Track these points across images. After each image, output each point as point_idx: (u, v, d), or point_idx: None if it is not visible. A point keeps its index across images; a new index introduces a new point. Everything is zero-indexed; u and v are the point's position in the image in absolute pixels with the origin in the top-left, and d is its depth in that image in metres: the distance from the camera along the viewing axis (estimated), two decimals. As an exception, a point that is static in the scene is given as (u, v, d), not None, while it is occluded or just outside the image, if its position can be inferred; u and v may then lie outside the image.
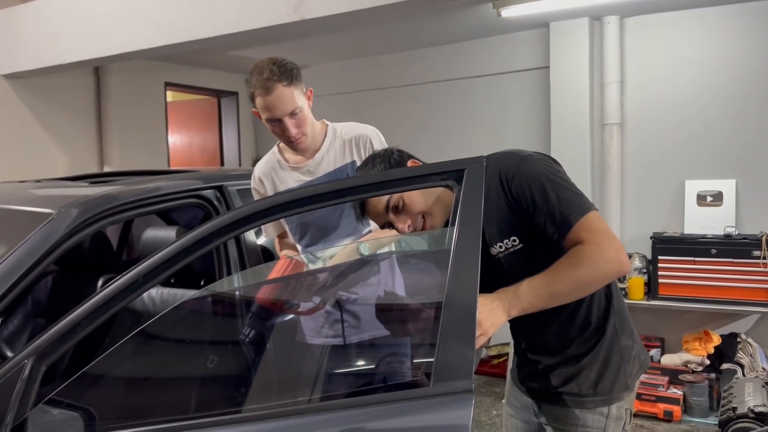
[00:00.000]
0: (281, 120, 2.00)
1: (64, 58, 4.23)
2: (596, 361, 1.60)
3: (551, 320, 1.60)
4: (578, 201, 1.47)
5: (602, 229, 1.44)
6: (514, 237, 1.54)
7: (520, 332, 1.72)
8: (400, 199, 1.56)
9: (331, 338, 2.08)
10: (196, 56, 5.45)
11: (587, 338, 1.60)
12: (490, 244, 1.57)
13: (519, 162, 1.52)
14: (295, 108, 2.00)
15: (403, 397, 1.21)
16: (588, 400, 1.60)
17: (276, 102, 1.97)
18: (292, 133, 2.02)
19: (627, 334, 1.65)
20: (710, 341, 4.12)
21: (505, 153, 1.58)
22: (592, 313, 1.60)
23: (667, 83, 4.48)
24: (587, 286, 1.47)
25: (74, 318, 1.27)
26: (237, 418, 1.29)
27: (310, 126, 2.09)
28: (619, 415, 1.62)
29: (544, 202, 1.47)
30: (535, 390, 1.72)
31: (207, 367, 1.93)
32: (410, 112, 5.60)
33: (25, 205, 1.92)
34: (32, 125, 4.88)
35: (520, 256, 1.55)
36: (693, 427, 3.88)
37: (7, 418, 1.21)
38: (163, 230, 2.47)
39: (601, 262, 1.41)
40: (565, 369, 1.62)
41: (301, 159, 2.14)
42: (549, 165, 1.53)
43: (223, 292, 2.07)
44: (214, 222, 1.38)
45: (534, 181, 1.48)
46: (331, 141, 2.14)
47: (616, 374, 1.61)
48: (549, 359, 1.64)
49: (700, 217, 4.27)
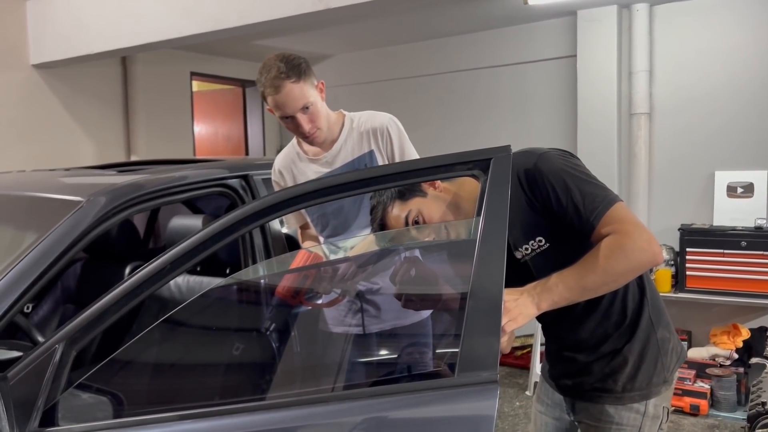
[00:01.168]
0: (294, 117, 2.00)
1: (92, 48, 4.29)
2: (633, 355, 1.57)
3: (586, 317, 1.58)
4: (602, 194, 1.44)
5: (631, 220, 1.41)
6: (540, 237, 1.51)
7: (553, 331, 1.69)
8: (419, 214, 1.53)
9: (354, 327, 2.09)
10: (221, 46, 5.48)
11: (623, 333, 1.57)
12: (515, 248, 1.54)
13: (537, 161, 1.48)
14: (306, 103, 1.99)
15: (428, 387, 1.21)
16: (625, 396, 1.57)
17: (286, 100, 1.96)
18: (306, 128, 2.02)
19: (663, 326, 1.61)
20: (739, 335, 4.05)
21: (521, 152, 1.53)
22: (627, 307, 1.57)
23: (697, 72, 4.39)
24: (620, 277, 1.44)
25: (104, 304, 1.29)
26: (263, 405, 1.31)
27: (324, 119, 2.07)
28: (656, 413, 1.58)
29: (567, 199, 1.44)
30: (569, 387, 1.69)
31: (232, 354, 1.95)
32: (435, 102, 5.57)
33: (55, 193, 1.95)
34: (61, 114, 4.96)
35: (548, 256, 1.52)
36: (720, 422, 3.83)
37: (39, 402, 1.24)
38: (190, 219, 2.49)
39: (633, 252, 1.38)
40: (601, 365, 1.59)
41: (319, 150, 2.14)
42: (567, 160, 1.50)
43: (249, 281, 2.08)
44: (241, 210, 1.39)
45: (555, 178, 1.45)
46: (349, 131, 2.13)
47: (654, 367, 1.58)
48: (585, 356, 1.61)
49: (730, 208, 4.19)
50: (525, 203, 1.49)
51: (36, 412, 1.23)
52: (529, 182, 1.48)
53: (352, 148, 2.11)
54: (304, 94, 1.98)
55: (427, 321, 2.11)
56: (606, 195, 1.44)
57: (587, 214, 1.42)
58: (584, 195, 1.43)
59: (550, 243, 1.51)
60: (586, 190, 1.44)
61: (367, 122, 2.13)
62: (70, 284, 2.91)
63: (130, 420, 1.30)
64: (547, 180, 1.46)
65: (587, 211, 1.42)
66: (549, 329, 1.70)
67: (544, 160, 1.48)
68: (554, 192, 1.45)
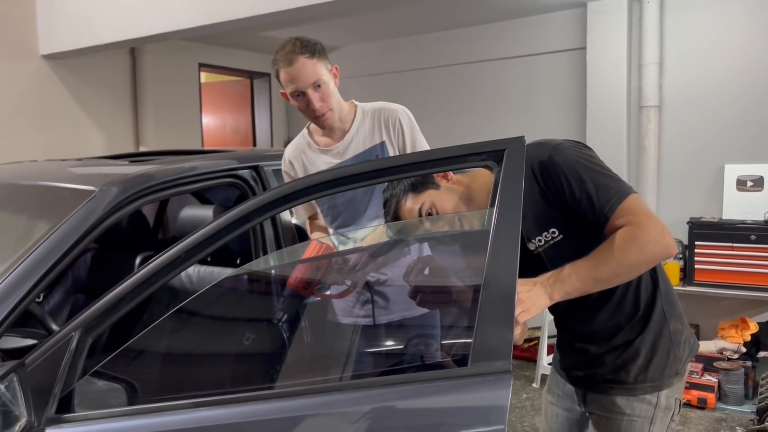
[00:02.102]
0: (305, 93, 2.00)
1: (101, 38, 4.29)
2: (645, 346, 1.57)
3: (598, 308, 1.58)
4: (616, 185, 1.44)
5: (645, 211, 1.41)
6: (553, 229, 1.51)
7: (566, 322, 1.69)
8: (432, 206, 1.53)
9: (364, 318, 2.09)
10: (229, 37, 5.47)
11: (635, 324, 1.57)
12: (528, 240, 1.54)
13: (550, 152, 1.48)
14: (318, 80, 1.99)
15: (442, 377, 1.22)
16: (637, 387, 1.57)
17: (298, 73, 1.97)
18: (317, 106, 2.01)
19: (676, 318, 1.61)
20: (747, 329, 4.05)
21: (535, 144, 1.53)
22: (640, 299, 1.57)
23: (707, 64, 4.36)
24: (634, 269, 1.44)
25: (119, 292, 1.30)
26: (274, 394, 1.32)
27: (336, 102, 2.07)
28: (668, 405, 1.59)
29: (581, 191, 1.44)
30: (580, 378, 1.69)
31: (243, 344, 1.96)
32: (444, 94, 5.56)
33: (68, 183, 1.96)
34: (70, 104, 4.98)
35: (561, 248, 1.51)
36: (727, 415, 3.83)
37: (56, 388, 1.25)
38: (200, 209, 2.50)
39: (647, 244, 1.38)
40: (614, 356, 1.59)
41: (330, 141, 2.14)
42: (581, 151, 1.50)
43: (260, 271, 2.09)
44: (255, 200, 1.40)
45: (568, 170, 1.45)
46: (360, 122, 2.12)
47: (666, 359, 1.58)
48: (597, 347, 1.61)
49: (740, 202, 4.17)
50: (539, 195, 1.49)
51: (53, 398, 1.25)
52: (543, 174, 1.47)
53: (363, 138, 2.11)
54: (316, 71, 1.99)
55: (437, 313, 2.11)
56: (620, 187, 1.44)
57: (601, 205, 1.42)
58: (598, 187, 1.43)
59: (563, 235, 1.51)
60: (600, 181, 1.44)
61: (379, 113, 2.12)
62: (80, 274, 2.93)
63: (145, 407, 1.31)
64: (561, 171, 1.45)
65: (601, 202, 1.42)
66: (561, 320, 1.70)
67: (558, 152, 1.48)
68: (568, 184, 1.45)
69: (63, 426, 1.24)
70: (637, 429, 1.58)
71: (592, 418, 1.67)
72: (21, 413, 1.20)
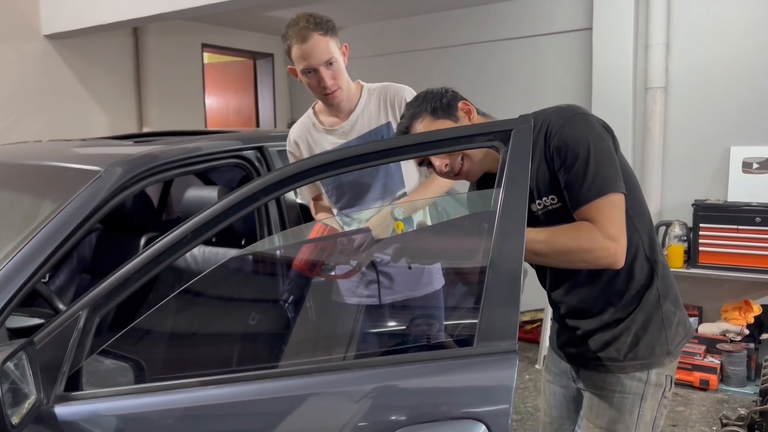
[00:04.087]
0: (317, 70, 1.99)
1: (104, 18, 4.27)
2: (635, 324, 1.58)
3: (584, 284, 1.60)
4: (607, 180, 1.44)
5: (612, 217, 1.43)
6: (552, 196, 1.53)
7: (554, 297, 1.71)
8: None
9: (369, 299, 2.10)
10: (232, 17, 5.43)
11: (627, 303, 1.59)
12: (531, 200, 1.56)
13: (567, 120, 1.49)
14: (330, 58, 1.99)
15: (447, 356, 1.22)
16: (627, 365, 1.59)
17: (312, 50, 1.96)
18: (328, 83, 2.00)
19: (671, 301, 1.63)
20: (750, 311, 4.05)
21: (557, 108, 1.54)
22: (633, 278, 1.58)
23: (714, 46, 4.32)
24: (571, 264, 1.50)
25: (126, 272, 1.31)
26: (280, 372, 1.33)
27: (345, 82, 2.07)
28: (659, 381, 1.61)
29: (575, 169, 1.45)
30: (573, 355, 1.71)
31: (249, 324, 1.97)
32: (449, 74, 5.52)
33: (73, 163, 1.96)
34: (73, 85, 4.96)
35: (555, 216, 1.53)
36: (729, 396, 3.85)
37: (64, 367, 1.26)
38: (205, 190, 2.50)
39: (597, 249, 1.42)
40: (604, 334, 1.61)
41: (336, 121, 2.13)
42: (597, 131, 1.49)
43: (266, 252, 2.09)
44: (259, 181, 1.39)
45: (574, 144, 1.46)
46: (366, 102, 2.12)
47: (657, 338, 1.59)
48: (587, 324, 1.63)
49: (746, 184, 4.15)
50: (545, 159, 1.50)
51: (61, 376, 1.26)
52: (552, 137, 1.48)
53: (369, 119, 2.10)
54: (329, 49, 1.98)
55: (440, 293, 2.12)
56: (610, 182, 1.44)
57: (582, 191, 1.44)
58: (590, 174, 1.44)
59: (561, 204, 1.52)
60: (595, 170, 1.44)
61: (385, 94, 2.12)
62: (85, 254, 2.94)
63: (153, 386, 1.32)
64: (568, 140, 1.46)
65: (584, 189, 1.44)
66: (550, 295, 1.72)
67: (574, 123, 1.48)
68: (566, 153, 1.46)
69: (72, 403, 1.25)
70: (628, 405, 1.60)
71: (585, 395, 1.69)
72: (30, 391, 1.21)
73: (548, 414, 1.86)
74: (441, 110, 1.60)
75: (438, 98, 1.62)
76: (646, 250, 1.59)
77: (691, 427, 3.47)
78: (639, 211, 1.58)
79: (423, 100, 1.63)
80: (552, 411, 1.84)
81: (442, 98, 1.62)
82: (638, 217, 1.57)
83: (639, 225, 1.57)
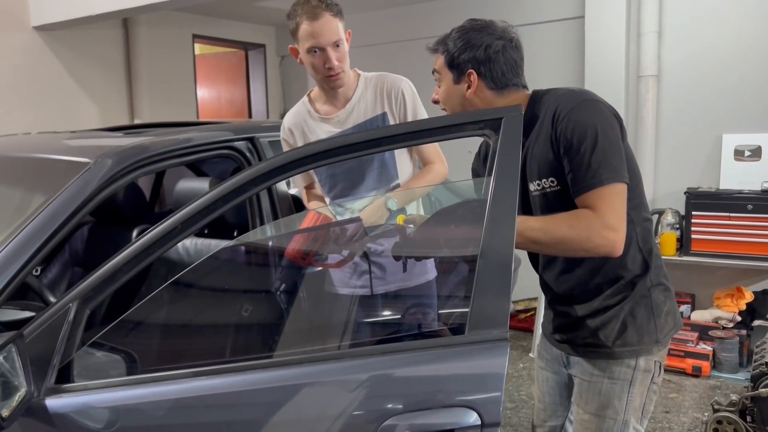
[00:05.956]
0: (324, 50, 1.98)
1: (92, 8, 4.23)
2: (623, 312, 1.59)
3: (577, 267, 1.60)
4: (610, 169, 1.44)
5: (613, 205, 1.43)
6: (552, 178, 1.53)
7: (546, 277, 1.71)
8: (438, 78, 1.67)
9: (361, 289, 2.10)
10: (223, 7, 5.40)
11: (617, 291, 1.59)
12: (530, 180, 1.57)
13: (577, 105, 1.48)
14: (338, 39, 1.99)
15: (439, 345, 1.23)
16: (615, 351, 1.60)
17: (322, 29, 1.96)
18: (335, 64, 1.99)
19: (661, 290, 1.63)
20: (742, 298, 4.08)
21: (569, 92, 1.54)
22: (625, 269, 1.58)
23: (707, 34, 4.32)
24: (570, 252, 1.49)
25: (116, 263, 1.30)
26: (273, 362, 1.33)
27: (348, 67, 2.07)
28: (647, 367, 1.61)
29: (580, 155, 1.44)
30: (564, 341, 1.72)
31: (241, 315, 1.97)
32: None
33: (62, 155, 1.94)
34: (63, 77, 4.92)
35: (556, 198, 1.53)
36: (721, 383, 3.88)
37: (55, 360, 1.25)
38: (196, 182, 2.48)
39: (596, 237, 1.42)
40: (593, 320, 1.62)
41: (332, 109, 2.12)
42: (606, 118, 1.48)
43: (257, 243, 2.09)
44: (250, 171, 1.38)
45: (581, 130, 1.45)
46: (363, 91, 2.11)
47: (646, 327, 1.60)
48: (577, 310, 1.65)
49: (738, 172, 4.17)
50: (550, 140, 1.50)
51: (52, 369, 1.25)
52: (560, 120, 1.48)
53: (365, 108, 2.09)
54: (338, 30, 1.99)
55: (434, 282, 2.12)
56: (612, 172, 1.44)
57: (585, 179, 1.44)
58: (594, 162, 1.43)
59: (560, 186, 1.52)
60: (599, 158, 1.44)
61: (381, 83, 2.11)
62: (77, 247, 2.92)
63: (144, 377, 1.32)
64: (576, 126, 1.46)
65: (587, 177, 1.44)
66: (542, 277, 1.73)
67: (584, 108, 1.48)
68: (572, 138, 1.45)
69: (63, 396, 1.25)
70: (617, 391, 1.60)
71: (575, 381, 1.70)
72: (20, 383, 1.21)
73: (542, 401, 1.87)
74: (455, 63, 1.61)
75: (463, 49, 1.60)
76: (640, 242, 1.59)
77: (683, 413, 3.50)
78: (636, 203, 1.58)
79: (456, 38, 1.63)
80: (545, 398, 1.85)
81: (464, 53, 1.59)
82: (635, 209, 1.57)
83: (635, 216, 1.57)
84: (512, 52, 1.63)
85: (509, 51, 1.62)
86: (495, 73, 1.60)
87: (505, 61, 1.61)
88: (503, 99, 1.62)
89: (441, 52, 1.64)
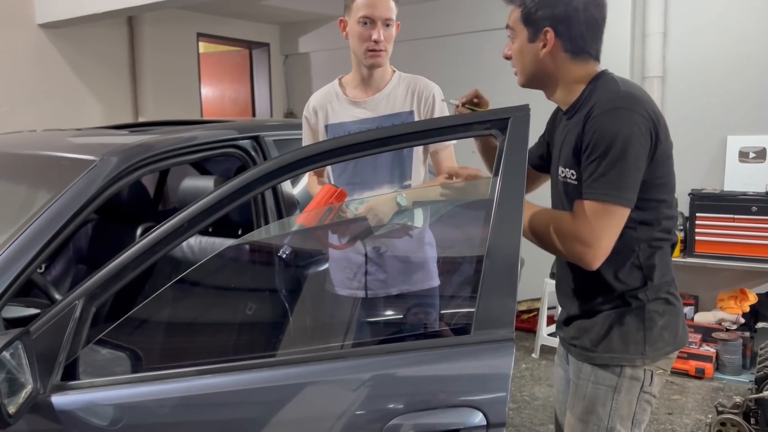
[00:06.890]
0: (375, 22, 2.00)
1: (97, 7, 4.23)
2: (610, 318, 1.56)
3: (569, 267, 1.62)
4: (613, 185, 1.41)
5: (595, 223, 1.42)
6: (572, 171, 1.53)
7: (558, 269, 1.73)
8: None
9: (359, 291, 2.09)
10: (228, 6, 5.40)
11: (608, 299, 1.57)
12: (559, 163, 1.58)
13: (610, 109, 1.44)
14: (390, 19, 2.03)
15: (445, 344, 1.23)
16: (597, 356, 1.57)
17: (379, 3, 1.99)
18: (381, 38, 2.01)
19: (660, 303, 1.57)
20: (746, 300, 4.07)
21: (614, 91, 1.48)
22: (618, 281, 1.54)
23: (712, 35, 4.31)
24: (548, 249, 1.51)
25: (122, 261, 1.30)
26: (278, 361, 1.33)
27: (389, 53, 2.09)
28: (635, 375, 1.55)
29: (592, 160, 1.44)
30: (562, 338, 1.74)
31: (245, 313, 1.97)
32: (444, 65, 5.49)
33: (68, 152, 1.94)
34: (68, 75, 4.93)
35: (573, 191, 1.53)
36: (725, 385, 3.87)
37: (60, 356, 1.26)
38: (201, 180, 2.49)
39: (566, 245, 1.45)
40: (583, 321, 1.61)
41: (363, 95, 2.12)
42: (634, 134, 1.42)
43: (262, 241, 2.09)
44: (256, 170, 1.39)
45: (603, 135, 1.42)
46: (395, 86, 2.12)
47: (633, 337, 1.54)
48: (570, 308, 1.65)
49: (742, 173, 4.16)
50: (578, 134, 1.49)
51: (58, 366, 1.25)
52: (590, 119, 1.46)
53: (394, 101, 2.10)
54: (392, 11, 2.03)
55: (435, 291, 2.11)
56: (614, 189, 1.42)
57: (587, 185, 1.45)
58: (601, 171, 1.42)
59: (578, 182, 1.51)
60: (607, 170, 1.42)
61: (414, 83, 2.13)
62: (81, 245, 2.93)
63: (150, 375, 1.32)
64: (601, 131, 1.43)
65: (590, 181, 1.44)
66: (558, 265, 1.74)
67: (614, 116, 1.43)
68: (591, 143, 1.44)
69: (69, 393, 1.25)
70: (601, 397, 1.56)
71: (571, 381, 1.68)
72: (27, 380, 1.21)
73: (557, 399, 1.86)
74: (531, 18, 1.55)
75: (541, 4, 1.52)
76: (641, 259, 1.54)
77: (686, 415, 3.49)
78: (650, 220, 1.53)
79: None
80: (559, 395, 1.83)
81: (541, 8, 1.52)
82: (647, 227, 1.52)
83: (643, 234, 1.53)
84: (594, 10, 1.53)
85: (591, 9, 1.53)
86: (573, 34, 1.52)
87: (586, 20, 1.51)
88: (576, 66, 1.55)
89: (517, 5, 1.57)
